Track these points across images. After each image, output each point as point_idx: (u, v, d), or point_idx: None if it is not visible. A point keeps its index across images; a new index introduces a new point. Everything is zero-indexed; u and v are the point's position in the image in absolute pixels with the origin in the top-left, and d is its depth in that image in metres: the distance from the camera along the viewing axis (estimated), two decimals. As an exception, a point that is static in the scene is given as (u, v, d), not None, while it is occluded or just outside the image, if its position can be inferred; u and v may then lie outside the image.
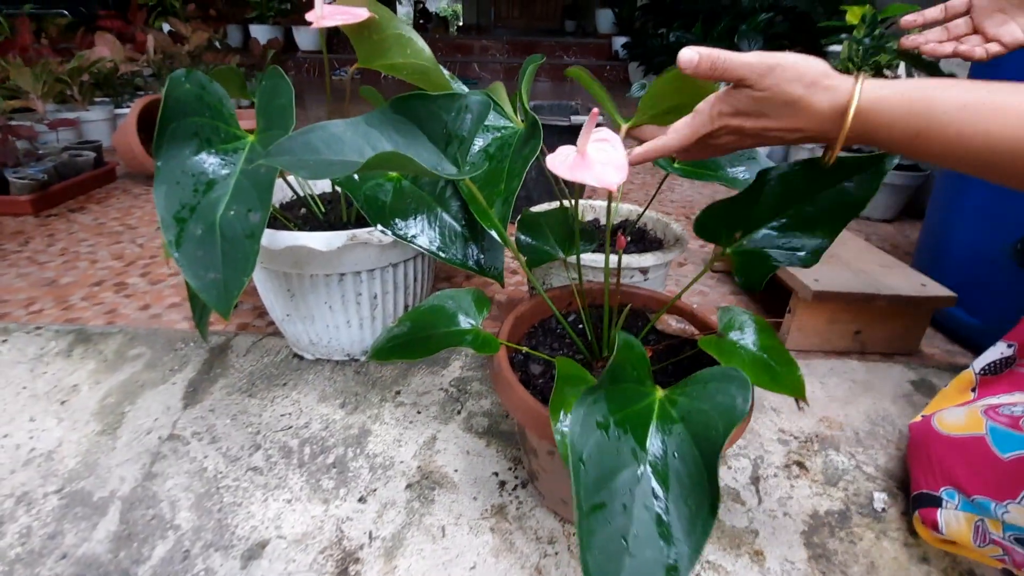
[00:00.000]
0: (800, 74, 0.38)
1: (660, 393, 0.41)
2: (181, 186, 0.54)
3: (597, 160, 0.37)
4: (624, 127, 0.51)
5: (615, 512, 0.35)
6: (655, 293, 0.69)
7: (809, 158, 0.44)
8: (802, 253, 0.45)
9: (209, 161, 0.56)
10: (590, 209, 0.98)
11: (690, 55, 0.39)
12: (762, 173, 0.45)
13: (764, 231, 0.47)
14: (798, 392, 0.47)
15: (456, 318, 0.54)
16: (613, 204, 1.03)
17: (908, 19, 0.61)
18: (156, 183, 0.54)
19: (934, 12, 0.60)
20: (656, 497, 0.36)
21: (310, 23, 0.62)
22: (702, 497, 0.35)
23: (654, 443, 0.38)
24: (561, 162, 0.37)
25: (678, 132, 0.43)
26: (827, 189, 0.44)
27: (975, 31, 0.59)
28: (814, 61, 0.39)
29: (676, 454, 0.37)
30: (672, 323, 0.64)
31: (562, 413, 0.43)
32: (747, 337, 0.50)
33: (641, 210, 0.93)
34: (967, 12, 0.59)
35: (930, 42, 0.60)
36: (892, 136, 0.38)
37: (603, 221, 0.99)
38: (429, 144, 0.46)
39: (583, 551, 0.33)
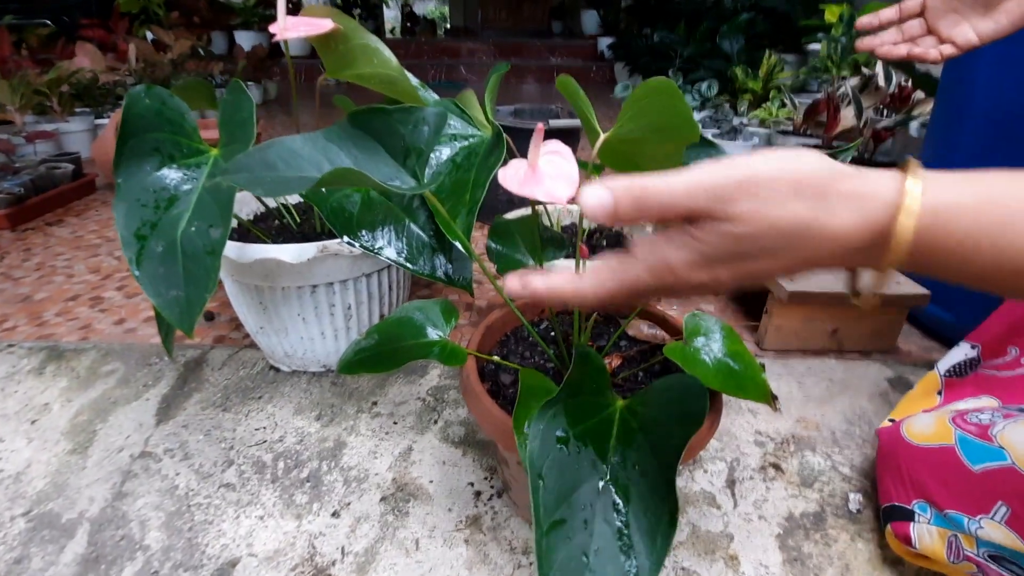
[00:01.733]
0: (797, 183, 0.25)
1: (620, 403, 0.41)
2: (141, 203, 0.53)
3: (547, 174, 0.37)
4: (602, 137, 0.50)
5: (576, 528, 0.35)
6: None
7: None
8: None
9: (171, 176, 0.56)
10: (567, 214, 0.98)
11: (593, 205, 0.27)
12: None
13: None
14: (763, 398, 0.47)
15: (424, 330, 0.54)
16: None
17: (863, 21, 0.61)
18: (116, 200, 0.53)
19: (889, 13, 0.60)
20: (617, 511, 0.36)
21: (273, 35, 0.61)
22: (662, 509, 0.35)
23: (615, 455, 0.38)
24: (512, 176, 0.37)
25: (599, 282, 0.28)
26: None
27: (929, 32, 0.59)
28: (809, 156, 0.26)
29: (636, 466, 0.37)
30: (644, 328, 0.64)
31: (526, 424, 0.43)
32: (713, 343, 0.50)
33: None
34: (921, 13, 0.59)
35: (885, 44, 0.60)
36: (965, 259, 0.25)
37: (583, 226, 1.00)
38: (388, 158, 0.46)
39: (543, 570, 0.33)
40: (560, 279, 0.29)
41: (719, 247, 0.26)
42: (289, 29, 0.61)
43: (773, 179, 0.25)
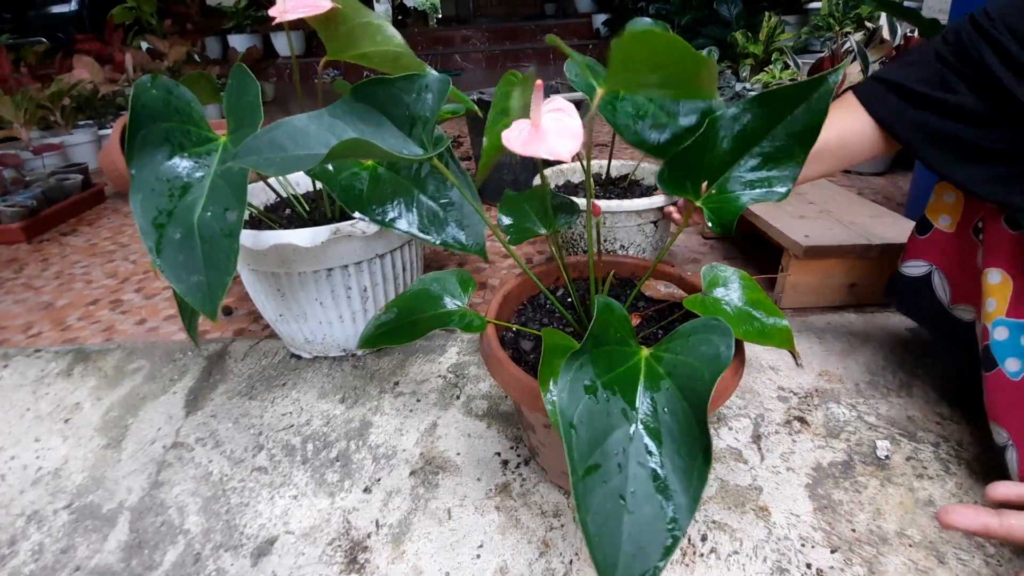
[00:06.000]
0: None
1: (645, 352, 0.41)
2: (156, 192, 0.54)
3: (551, 131, 0.36)
4: (600, 91, 0.50)
5: (611, 472, 0.35)
6: (642, 261, 0.69)
7: (755, 95, 0.43)
8: (778, 188, 0.45)
9: (183, 165, 0.56)
10: (559, 174, 1.00)
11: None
12: (712, 119, 0.45)
13: (734, 175, 0.46)
14: (787, 343, 0.47)
15: (442, 300, 0.54)
16: (594, 165, 1.05)
17: None
18: (132, 191, 0.54)
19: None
20: (650, 453, 0.36)
21: (273, 30, 0.61)
22: (695, 448, 0.35)
23: (643, 401, 0.38)
24: (516, 137, 0.37)
25: None
26: (780, 122, 0.43)
27: None
28: None
29: (666, 409, 0.37)
30: (660, 288, 0.64)
31: (552, 383, 0.43)
32: (732, 293, 0.50)
33: (635, 164, 1.03)
34: None
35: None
36: None
37: (604, 177, 1.02)
38: (394, 128, 0.46)
39: (581, 513, 0.33)
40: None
41: None
42: (289, 11, 0.61)
43: None
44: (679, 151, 0.47)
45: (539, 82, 0.36)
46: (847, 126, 0.59)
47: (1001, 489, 0.39)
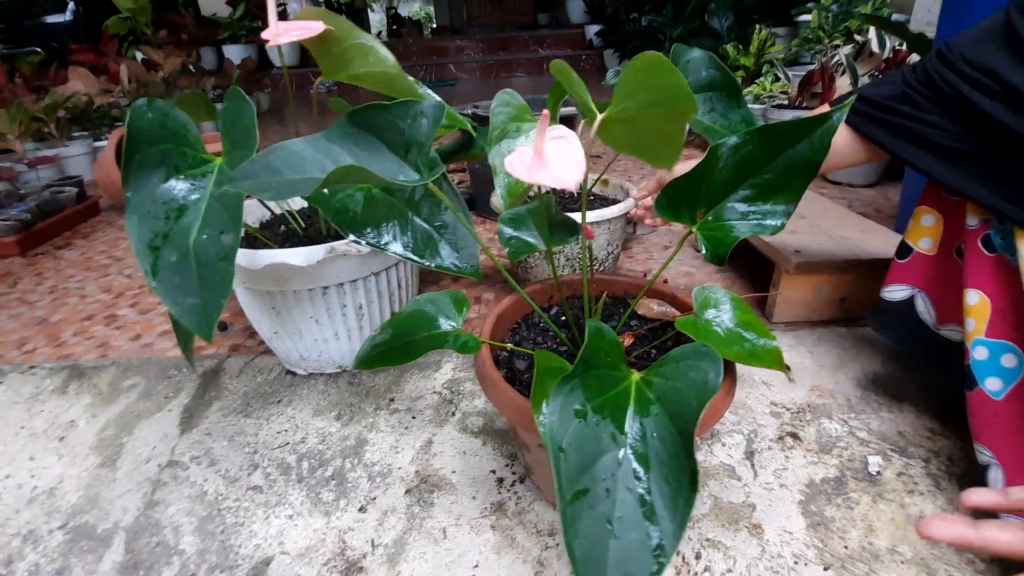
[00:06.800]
0: None
1: (636, 376, 0.41)
2: (152, 214, 0.54)
3: (554, 159, 0.37)
4: (599, 117, 0.50)
5: (598, 497, 0.36)
6: (636, 279, 0.70)
7: (760, 126, 0.44)
8: (769, 221, 0.46)
9: (179, 187, 0.57)
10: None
11: None
12: (713, 147, 0.45)
13: (730, 204, 0.47)
14: (777, 364, 0.48)
15: (436, 321, 0.55)
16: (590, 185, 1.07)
17: None
18: (128, 213, 0.54)
19: None
20: (638, 479, 0.36)
21: (266, 41, 0.62)
22: (682, 474, 0.35)
23: (632, 426, 0.38)
24: (519, 164, 0.37)
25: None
26: (781, 154, 0.44)
27: None
28: None
29: (655, 434, 0.38)
30: (653, 307, 0.64)
31: (544, 404, 0.43)
32: (723, 315, 0.50)
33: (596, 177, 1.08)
34: None
35: None
36: None
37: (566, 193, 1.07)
38: (389, 153, 0.46)
39: (568, 538, 0.34)
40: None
41: None
42: (282, 34, 0.61)
43: None
44: (679, 179, 0.48)
45: (545, 112, 0.36)
46: None
47: (974, 497, 0.39)
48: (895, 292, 0.69)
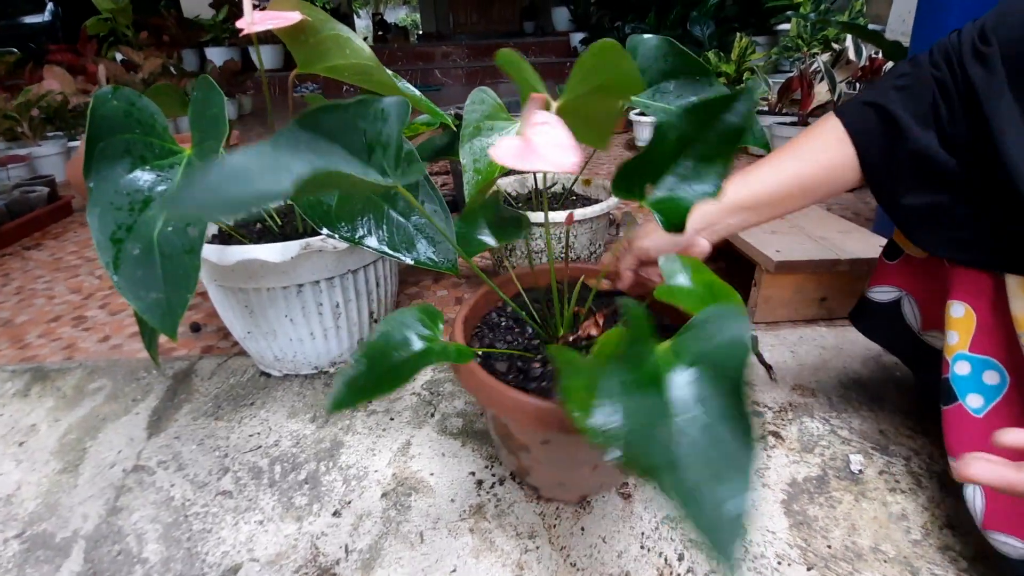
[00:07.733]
0: None
1: (663, 346, 0.40)
2: (115, 206, 0.52)
3: (543, 144, 0.36)
4: (555, 105, 0.49)
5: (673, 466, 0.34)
6: (604, 265, 0.69)
7: (691, 105, 0.44)
8: (707, 187, 0.46)
9: (144, 178, 0.55)
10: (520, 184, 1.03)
11: None
12: (658, 125, 0.45)
13: (670, 177, 0.47)
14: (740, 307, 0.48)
15: (412, 341, 0.51)
16: (549, 179, 1.08)
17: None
18: (89, 205, 0.52)
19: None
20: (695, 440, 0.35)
21: (241, 31, 0.60)
22: (739, 427, 0.34)
23: (676, 392, 0.37)
24: (506, 152, 0.36)
25: None
26: (712, 125, 0.44)
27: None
28: None
29: (702, 402, 0.36)
30: (606, 285, 0.64)
31: (589, 399, 0.41)
32: (686, 279, 0.51)
33: (574, 176, 1.09)
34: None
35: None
36: None
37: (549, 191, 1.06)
38: (350, 157, 0.43)
39: (691, 512, 0.32)
40: None
41: None
42: (256, 23, 0.60)
43: None
44: (630, 160, 0.47)
45: (535, 95, 0.35)
46: (831, 160, 0.57)
47: (1011, 435, 0.37)
48: (882, 294, 0.67)
